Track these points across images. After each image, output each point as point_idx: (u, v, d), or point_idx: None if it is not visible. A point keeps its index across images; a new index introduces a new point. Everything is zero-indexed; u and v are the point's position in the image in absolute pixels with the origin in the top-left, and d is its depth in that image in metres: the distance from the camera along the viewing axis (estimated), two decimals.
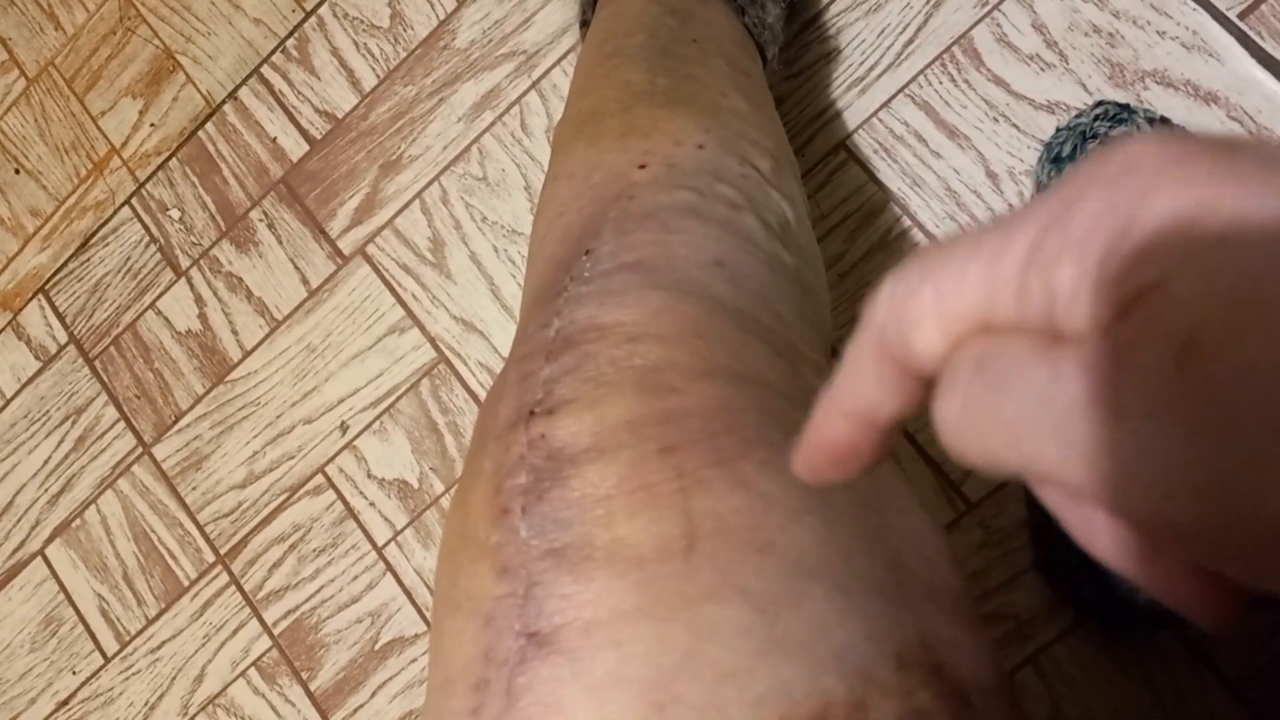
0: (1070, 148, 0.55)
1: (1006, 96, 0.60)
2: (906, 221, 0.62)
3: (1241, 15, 0.57)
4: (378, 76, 0.75)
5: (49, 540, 0.80)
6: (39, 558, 0.80)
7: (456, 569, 0.29)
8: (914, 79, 0.62)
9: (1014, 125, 0.60)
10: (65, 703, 0.78)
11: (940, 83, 0.62)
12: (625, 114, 0.43)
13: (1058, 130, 0.57)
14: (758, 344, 0.32)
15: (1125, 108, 0.56)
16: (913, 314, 0.18)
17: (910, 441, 0.60)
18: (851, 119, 0.63)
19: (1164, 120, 0.55)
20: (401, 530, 0.71)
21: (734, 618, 0.25)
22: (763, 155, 0.43)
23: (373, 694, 0.71)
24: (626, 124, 0.42)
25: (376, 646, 0.71)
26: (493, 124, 0.71)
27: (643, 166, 0.40)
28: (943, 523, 0.59)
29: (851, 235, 0.62)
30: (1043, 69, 0.60)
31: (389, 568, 0.71)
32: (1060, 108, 0.59)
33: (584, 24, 0.57)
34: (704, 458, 0.28)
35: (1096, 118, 0.56)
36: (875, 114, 0.63)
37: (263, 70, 0.78)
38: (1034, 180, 0.58)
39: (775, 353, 0.33)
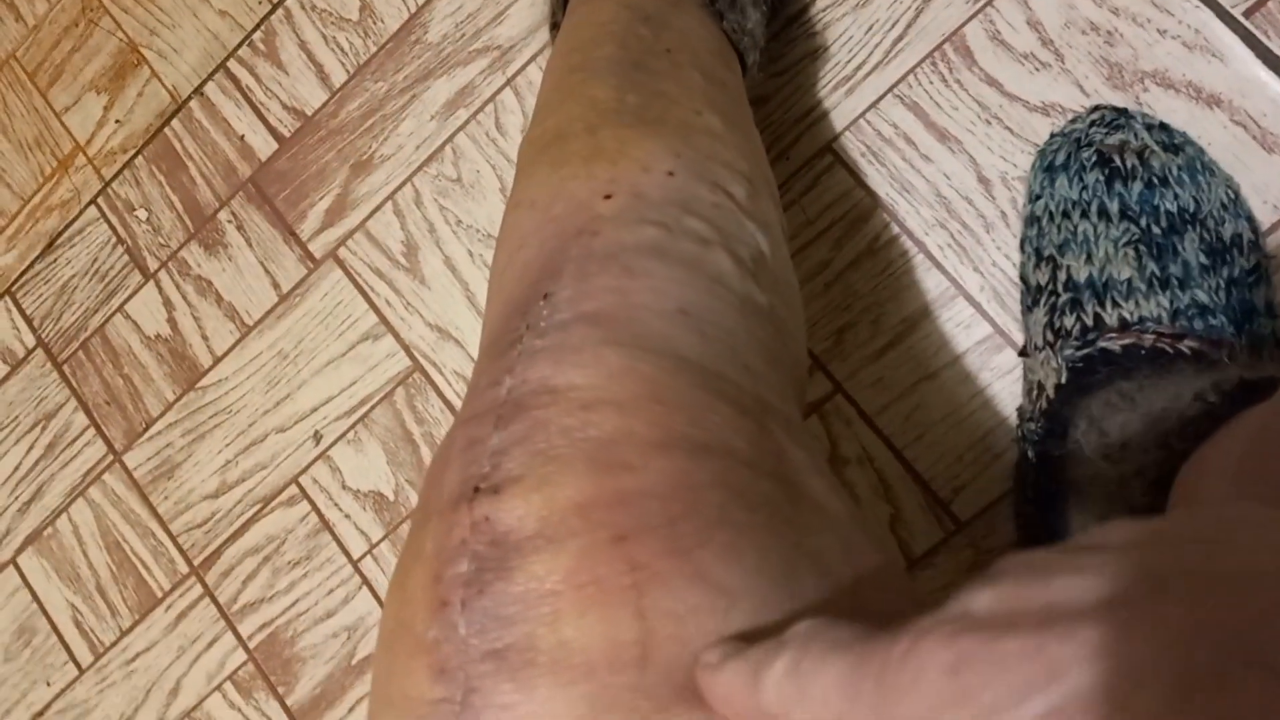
0: (1065, 155, 0.53)
1: (1000, 98, 0.58)
2: (895, 228, 0.59)
3: (1247, 13, 0.54)
4: (347, 72, 0.72)
5: (20, 549, 0.78)
6: (11, 566, 0.79)
7: (392, 661, 0.27)
8: (903, 78, 0.59)
9: (1007, 128, 0.57)
10: (40, 714, 0.77)
11: (931, 82, 0.59)
12: (591, 136, 0.40)
13: (1052, 136, 0.54)
14: (723, 406, 0.30)
15: (1123, 113, 0.53)
16: None
17: (898, 458, 0.58)
18: (838, 120, 0.61)
19: (1163, 126, 0.53)
20: (377, 543, 0.69)
21: None
22: (737, 179, 0.40)
23: (350, 709, 0.69)
24: (592, 147, 0.40)
25: (353, 661, 0.69)
26: (466, 122, 0.68)
27: (608, 196, 0.37)
28: (931, 542, 0.57)
29: (837, 242, 0.60)
30: (1037, 69, 0.57)
31: (365, 581, 0.69)
32: (1055, 110, 0.57)
33: (554, 26, 0.54)
34: (660, 546, 0.26)
35: (1093, 124, 0.53)
36: (863, 115, 0.60)
37: (229, 65, 0.75)
38: (1027, 188, 0.55)
39: (742, 413, 0.31)
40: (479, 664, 0.25)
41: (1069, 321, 0.49)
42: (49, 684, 0.77)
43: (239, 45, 0.74)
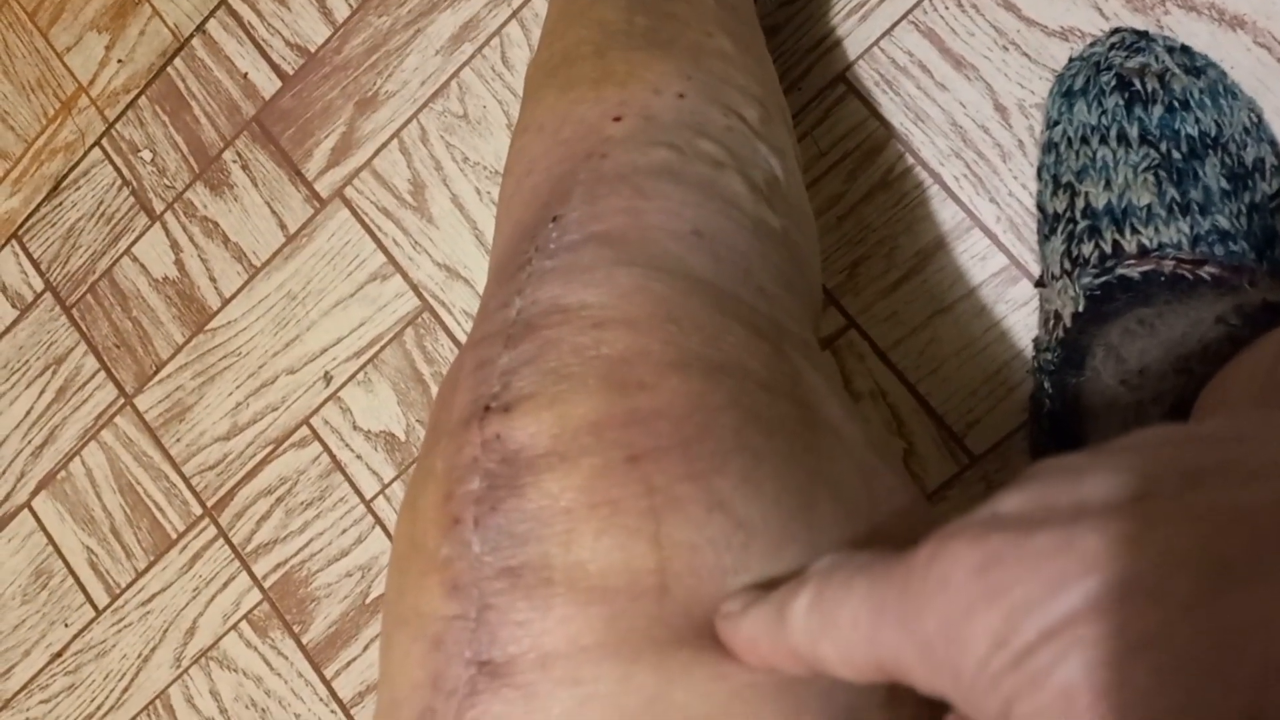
0: (1084, 80, 0.52)
1: (1017, 22, 0.56)
2: (909, 159, 0.58)
3: None
4: (350, 6, 0.70)
5: (35, 492, 0.79)
6: (26, 510, 0.79)
7: (404, 580, 0.27)
8: (918, 4, 0.58)
9: (1025, 54, 0.56)
10: (59, 655, 0.78)
11: (946, 8, 0.58)
12: (600, 58, 0.39)
13: (1070, 61, 0.53)
14: (738, 327, 0.30)
15: (1143, 35, 0.52)
16: None
17: (912, 393, 0.57)
18: (851, 48, 0.59)
19: (1185, 49, 0.51)
20: (389, 483, 0.69)
21: (707, 662, 0.23)
22: (750, 103, 0.39)
23: (365, 647, 0.70)
24: (601, 70, 0.39)
25: (367, 600, 0.70)
26: (472, 57, 0.67)
27: (617, 119, 0.36)
28: (944, 476, 0.57)
29: (851, 174, 0.59)
30: None
31: (378, 521, 0.69)
32: (1074, 34, 0.55)
33: None
34: (676, 469, 0.25)
35: (1112, 47, 0.52)
36: (877, 43, 0.59)
37: (231, 1, 0.73)
38: (1045, 114, 0.54)
39: (757, 335, 0.30)
40: (493, 581, 0.25)
41: (1087, 249, 0.48)
42: (67, 625, 0.78)
43: None
